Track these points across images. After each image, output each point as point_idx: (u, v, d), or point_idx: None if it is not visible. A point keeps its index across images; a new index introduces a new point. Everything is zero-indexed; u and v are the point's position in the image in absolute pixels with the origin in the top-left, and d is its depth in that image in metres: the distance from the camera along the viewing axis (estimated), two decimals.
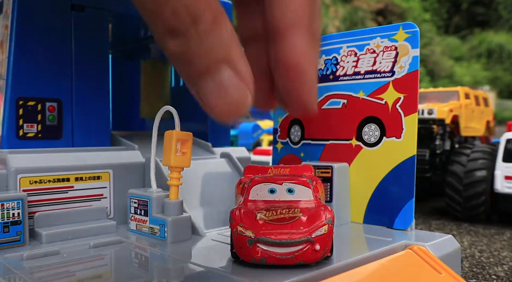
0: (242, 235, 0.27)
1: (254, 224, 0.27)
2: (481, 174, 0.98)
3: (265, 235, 0.26)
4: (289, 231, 0.26)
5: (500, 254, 0.70)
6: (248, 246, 0.26)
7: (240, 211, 0.28)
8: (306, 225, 0.27)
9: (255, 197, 0.31)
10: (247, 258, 0.27)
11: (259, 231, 0.26)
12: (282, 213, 0.28)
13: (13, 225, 0.33)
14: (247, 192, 0.31)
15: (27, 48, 0.37)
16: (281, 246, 0.26)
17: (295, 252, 0.26)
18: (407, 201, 0.39)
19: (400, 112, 0.40)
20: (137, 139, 0.45)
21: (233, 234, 0.27)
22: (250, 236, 0.26)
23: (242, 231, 0.27)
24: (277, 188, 0.31)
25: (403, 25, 0.40)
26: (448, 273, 0.31)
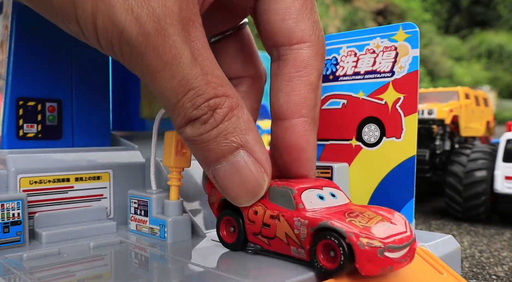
0: (371, 246, 0.24)
1: (370, 233, 0.25)
2: (481, 174, 0.98)
3: (390, 241, 0.25)
4: (399, 233, 0.26)
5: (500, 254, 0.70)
6: (379, 257, 0.24)
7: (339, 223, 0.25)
8: (402, 226, 0.27)
9: (311, 205, 0.28)
10: (375, 271, 0.25)
11: (382, 239, 0.25)
12: (370, 217, 0.27)
13: (13, 225, 0.33)
14: (299, 201, 0.28)
15: (27, 48, 0.37)
16: (401, 250, 0.25)
17: (407, 253, 0.26)
18: (407, 201, 0.39)
19: (400, 113, 0.40)
20: (137, 140, 0.45)
21: (357, 247, 0.24)
22: (380, 246, 0.24)
23: (370, 243, 0.24)
24: (323, 193, 0.30)
25: (403, 25, 0.40)
26: (449, 273, 0.31)
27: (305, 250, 0.27)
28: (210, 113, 0.26)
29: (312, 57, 0.31)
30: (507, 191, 0.94)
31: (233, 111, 0.27)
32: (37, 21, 0.38)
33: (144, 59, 0.25)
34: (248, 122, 0.28)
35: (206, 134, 0.27)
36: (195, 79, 0.25)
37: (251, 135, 0.28)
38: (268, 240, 0.29)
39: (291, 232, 0.27)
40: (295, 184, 0.29)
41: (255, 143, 0.28)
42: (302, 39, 0.31)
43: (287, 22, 0.30)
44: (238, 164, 0.27)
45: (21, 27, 0.37)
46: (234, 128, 0.27)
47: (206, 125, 0.26)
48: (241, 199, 0.29)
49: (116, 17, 0.24)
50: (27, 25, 0.37)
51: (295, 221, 0.27)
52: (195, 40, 0.26)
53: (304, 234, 0.27)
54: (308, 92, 0.31)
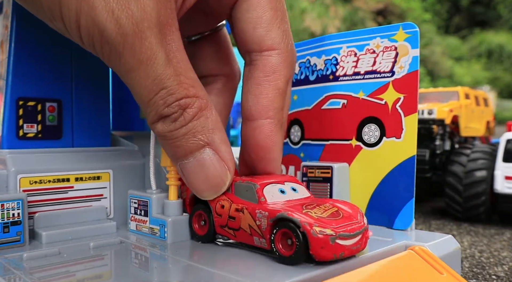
0: (323, 234, 0.26)
1: (323, 222, 0.27)
2: (481, 174, 0.98)
3: (342, 230, 0.27)
4: (351, 223, 0.28)
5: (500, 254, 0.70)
6: (330, 244, 0.27)
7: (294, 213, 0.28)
8: (355, 216, 0.29)
9: (272, 199, 0.30)
10: (327, 257, 0.27)
11: (334, 228, 0.27)
12: (326, 209, 0.29)
13: (13, 225, 0.33)
14: (262, 195, 0.30)
15: (27, 48, 0.37)
16: (353, 238, 0.28)
17: (359, 241, 0.28)
18: (407, 201, 0.39)
19: (400, 113, 0.40)
20: (137, 140, 0.45)
21: (310, 235, 0.26)
22: (331, 233, 0.27)
23: (322, 231, 0.27)
24: (284, 188, 0.32)
25: (403, 25, 0.40)
26: (449, 274, 0.31)
27: (266, 239, 0.29)
28: (180, 112, 0.28)
29: (280, 64, 0.33)
30: (507, 191, 0.94)
31: (202, 112, 0.29)
32: (37, 21, 0.38)
33: (122, 58, 0.27)
34: (215, 122, 0.30)
35: (175, 131, 0.28)
36: (167, 79, 0.27)
37: (217, 135, 0.30)
38: (234, 232, 0.31)
39: (254, 223, 0.30)
40: (259, 179, 0.31)
41: (220, 142, 0.30)
42: (272, 46, 0.33)
43: (258, 30, 0.32)
44: (203, 160, 0.29)
45: (21, 27, 0.37)
46: (202, 127, 0.29)
47: (176, 123, 0.28)
48: (205, 192, 0.31)
49: (98, 18, 0.26)
50: (27, 25, 0.37)
51: (257, 213, 0.29)
52: (170, 43, 0.28)
53: (265, 224, 0.29)
54: (275, 96, 0.33)
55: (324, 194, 0.42)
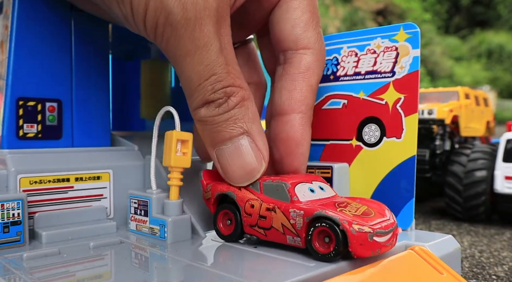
0: (361, 232, 0.27)
1: (360, 220, 0.28)
2: (481, 174, 0.98)
3: (378, 227, 0.28)
4: (384, 220, 0.29)
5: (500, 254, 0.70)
6: (369, 241, 0.27)
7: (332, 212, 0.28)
8: (385, 214, 0.30)
9: (304, 198, 0.31)
10: (366, 254, 0.28)
11: (371, 225, 0.28)
12: (358, 207, 0.30)
13: (13, 225, 0.33)
14: (293, 194, 0.31)
15: (27, 49, 0.37)
16: (387, 234, 0.29)
17: (391, 238, 0.29)
18: (407, 201, 0.39)
19: (401, 113, 0.40)
20: (137, 140, 0.45)
21: (350, 233, 0.27)
22: (369, 231, 0.27)
23: (361, 228, 0.27)
24: (313, 187, 0.32)
25: (403, 26, 0.40)
26: (449, 274, 0.31)
27: (301, 238, 0.29)
28: (225, 98, 0.30)
29: (314, 62, 0.35)
30: (507, 191, 0.94)
31: (244, 102, 0.31)
32: (37, 21, 0.38)
33: (181, 41, 0.29)
34: (255, 113, 0.32)
35: (218, 116, 0.30)
36: (218, 66, 0.29)
37: (256, 125, 0.31)
38: (265, 231, 0.32)
39: (287, 222, 0.30)
40: (288, 178, 0.32)
41: (258, 132, 0.32)
42: (307, 45, 0.35)
43: (296, 30, 0.35)
44: (241, 147, 0.31)
45: (21, 27, 0.37)
46: (243, 116, 0.31)
47: (219, 109, 0.30)
48: (239, 179, 0.32)
49: (166, 1, 0.28)
50: (27, 25, 0.37)
51: (291, 212, 0.30)
52: (224, 35, 0.30)
53: (300, 223, 0.29)
54: (308, 92, 0.35)
55: None
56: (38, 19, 0.38)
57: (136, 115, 0.58)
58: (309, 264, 0.28)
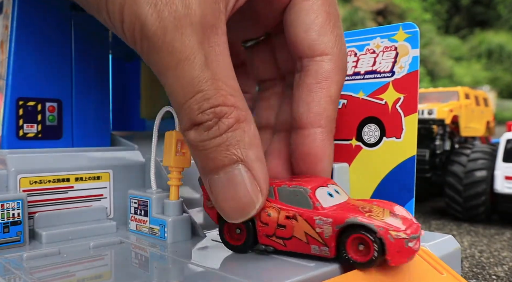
0: (398, 238, 0.26)
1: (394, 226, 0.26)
2: (481, 174, 0.98)
3: (411, 232, 0.27)
4: (412, 224, 0.28)
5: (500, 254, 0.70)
6: (405, 247, 0.26)
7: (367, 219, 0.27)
8: (407, 218, 0.28)
9: (326, 203, 0.29)
10: (402, 261, 0.27)
11: (405, 231, 0.26)
12: (380, 211, 0.28)
13: (13, 225, 0.33)
14: (316, 200, 0.29)
15: (27, 49, 0.37)
16: (417, 239, 0.27)
17: (418, 242, 0.28)
18: (407, 201, 0.39)
19: (400, 113, 0.40)
20: (137, 139, 0.45)
21: (388, 240, 0.26)
22: (405, 237, 0.26)
23: (397, 235, 0.26)
24: (331, 191, 0.30)
25: (403, 25, 0.40)
26: (449, 273, 0.31)
27: (330, 247, 0.27)
28: (215, 120, 0.26)
29: (333, 70, 0.32)
30: (507, 191, 0.94)
31: (239, 124, 0.27)
32: (37, 21, 0.38)
33: (160, 54, 0.26)
34: (253, 137, 0.27)
35: (208, 141, 0.27)
36: (204, 82, 0.26)
37: (253, 151, 0.27)
38: (284, 241, 0.29)
39: (312, 230, 0.28)
40: (305, 182, 0.30)
41: (256, 159, 0.27)
42: (324, 52, 0.32)
43: (311, 34, 0.31)
44: (234, 177, 0.27)
45: (21, 27, 0.37)
46: (237, 141, 0.27)
47: (209, 132, 0.26)
48: (231, 214, 0.28)
49: (140, 10, 0.25)
50: (27, 25, 0.37)
51: (316, 220, 0.28)
52: (213, 46, 0.26)
53: (329, 232, 0.27)
54: (327, 103, 0.32)
55: None
56: (38, 19, 0.38)
57: (136, 115, 0.58)
58: (309, 264, 0.28)
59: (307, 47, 0.32)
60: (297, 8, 0.32)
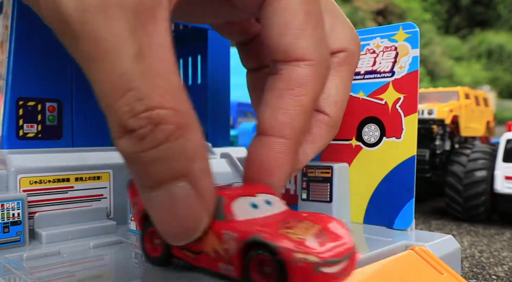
0: (305, 262, 0.21)
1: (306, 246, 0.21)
2: (481, 174, 0.98)
3: (329, 255, 0.21)
4: (339, 244, 0.22)
5: (500, 254, 0.70)
6: (314, 274, 0.21)
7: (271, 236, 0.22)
8: (341, 236, 0.23)
9: (243, 215, 0.24)
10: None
11: (319, 253, 0.21)
12: (307, 228, 0.23)
13: (13, 225, 0.33)
14: (229, 211, 0.24)
15: (27, 48, 0.37)
16: (340, 263, 0.22)
17: (347, 267, 0.23)
18: (407, 201, 0.39)
19: (400, 113, 0.40)
20: None
21: (289, 264, 0.21)
22: (316, 261, 0.21)
23: (304, 258, 0.21)
24: (257, 201, 0.26)
25: (403, 25, 0.40)
26: (449, 273, 0.31)
27: (234, 266, 0.23)
28: (150, 127, 0.21)
29: (309, 76, 0.27)
30: (507, 191, 0.94)
31: (181, 131, 0.22)
32: (37, 21, 0.38)
33: (80, 43, 0.21)
34: (198, 147, 0.23)
35: (143, 153, 0.21)
36: (137, 78, 0.21)
37: (198, 164, 0.23)
38: (195, 256, 0.25)
39: (220, 246, 0.24)
40: (227, 190, 0.26)
41: (202, 174, 0.23)
42: (302, 56, 0.27)
43: (286, 38, 0.27)
44: (175, 196, 0.22)
45: (21, 27, 0.37)
46: (178, 153, 0.22)
47: (144, 142, 0.21)
48: (171, 237, 0.24)
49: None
50: (27, 25, 0.37)
51: (224, 234, 0.24)
52: (151, 35, 0.21)
53: (234, 249, 0.23)
54: (297, 113, 0.27)
55: (324, 194, 0.42)
56: (38, 19, 0.38)
57: None
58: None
59: (282, 51, 0.27)
60: (273, 7, 0.27)
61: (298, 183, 0.45)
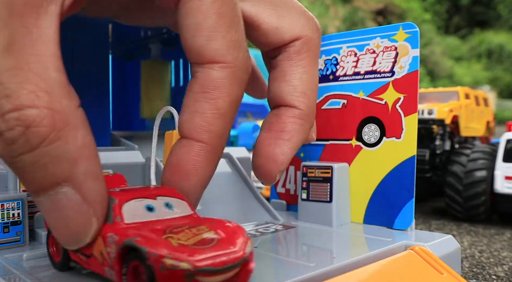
0: (175, 270, 0.20)
1: (179, 252, 0.20)
2: (481, 174, 0.98)
3: (206, 264, 0.20)
4: (224, 253, 0.21)
5: (500, 254, 0.70)
6: None
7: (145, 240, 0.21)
8: (233, 243, 0.22)
9: (133, 218, 0.24)
10: None
11: (194, 261, 0.20)
12: (196, 234, 0.23)
13: (13, 225, 0.33)
14: (118, 214, 0.23)
15: None
16: (223, 273, 0.21)
17: (234, 276, 0.22)
18: (407, 201, 0.39)
19: (400, 113, 0.40)
20: (137, 140, 0.45)
21: (158, 271, 0.20)
22: (188, 268, 0.20)
23: (174, 265, 0.20)
24: (154, 204, 0.25)
25: (403, 25, 0.40)
26: (449, 273, 0.31)
27: (115, 271, 0.23)
28: (20, 129, 0.19)
29: (223, 79, 0.27)
30: (507, 191, 0.94)
31: (58, 132, 0.20)
32: None
33: None
34: (81, 148, 0.21)
35: (17, 158, 0.20)
36: (4, 72, 0.19)
37: (82, 166, 0.21)
38: (87, 259, 0.25)
39: (104, 250, 0.23)
40: (124, 193, 0.25)
41: (85, 177, 0.22)
42: (214, 59, 0.27)
43: (198, 39, 0.26)
44: (58, 202, 0.22)
45: None
46: (56, 157, 0.20)
47: (15, 147, 0.19)
48: (64, 242, 0.24)
49: None
50: None
51: (108, 237, 0.23)
52: (29, 27, 0.20)
53: (113, 253, 0.22)
54: (214, 117, 0.27)
55: (324, 194, 0.42)
56: None
57: (136, 115, 0.58)
58: (309, 264, 0.28)
59: (195, 53, 0.27)
60: (186, 8, 0.26)
61: (298, 183, 0.45)
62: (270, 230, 0.38)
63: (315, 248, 0.35)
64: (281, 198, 0.50)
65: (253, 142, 1.89)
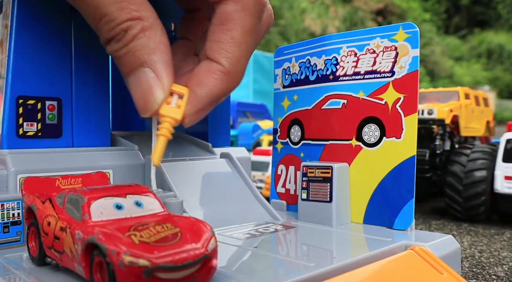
0: (133, 266, 0.21)
1: (138, 249, 0.21)
2: (481, 174, 0.98)
3: (164, 260, 0.21)
4: (183, 250, 0.22)
5: (500, 254, 0.70)
6: (144, 278, 0.21)
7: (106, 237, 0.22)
8: (196, 240, 0.23)
9: (101, 216, 0.25)
10: None
11: (153, 257, 0.21)
12: (160, 231, 0.24)
13: (13, 225, 0.33)
14: (87, 212, 0.25)
15: (27, 48, 0.37)
16: (183, 269, 0.22)
17: (194, 273, 0.23)
18: (407, 201, 0.39)
19: (400, 113, 0.40)
20: (137, 140, 0.45)
21: (117, 267, 0.21)
22: (146, 265, 0.21)
23: (133, 262, 0.21)
24: (123, 203, 0.26)
25: (403, 25, 0.40)
26: (449, 274, 0.31)
27: (83, 267, 0.24)
28: (122, 34, 0.30)
29: (236, 12, 0.32)
30: (507, 191, 0.94)
31: (144, 32, 0.30)
32: (37, 20, 0.38)
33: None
34: (158, 43, 0.30)
35: (119, 51, 0.31)
36: (108, 6, 0.29)
37: (157, 55, 0.31)
38: (59, 255, 0.26)
39: (73, 246, 0.24)
40: (93, 192, 0.26)
41: (160, 61, 0.31)
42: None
43: None
44: (140, 78, 0.31)
45: (21, 26, 0.37)
46: (141, 47, 0.30)
47: (119, 44, 0.30)
48: (141, 110, 0.32)
49: None
50: (27, 24, 0.37)
51: (76, 235, 0.24)
52: None
53: (80, 249, 0.24)
54: (230, 45, 0.32)
55: (324, 194, 0.42)
56: (38, 19, 0.38)
57: (136, 115, 0.58)
58: (309, 264, 0.28)
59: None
60: None
61: (298, 183, 0.45)
62: (270, 230, 0.38)
63: (315, 248, 0.35)
64: (281, 198, 0.50)
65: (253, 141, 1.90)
